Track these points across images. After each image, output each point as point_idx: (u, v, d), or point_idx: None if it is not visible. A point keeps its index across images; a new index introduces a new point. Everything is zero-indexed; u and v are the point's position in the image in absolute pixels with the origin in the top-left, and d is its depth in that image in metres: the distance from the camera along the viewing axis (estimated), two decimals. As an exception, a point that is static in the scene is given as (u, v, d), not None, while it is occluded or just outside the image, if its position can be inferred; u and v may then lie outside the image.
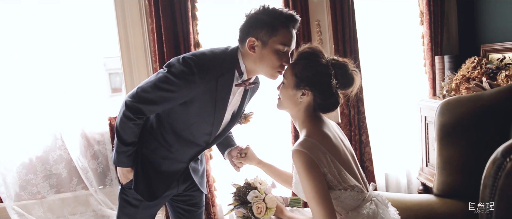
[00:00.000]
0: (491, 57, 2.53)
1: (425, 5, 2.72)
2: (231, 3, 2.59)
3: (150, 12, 2.35)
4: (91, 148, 2.43)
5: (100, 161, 2.45)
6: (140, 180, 1.65)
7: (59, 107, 2.38)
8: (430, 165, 2.65)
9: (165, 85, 1.47)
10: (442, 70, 2.68)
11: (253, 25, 1.47)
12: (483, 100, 1.63)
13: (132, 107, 1.52)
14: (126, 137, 1.57)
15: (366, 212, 1.43)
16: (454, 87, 2.50)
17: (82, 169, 2.35)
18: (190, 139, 1.64)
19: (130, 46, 2.44)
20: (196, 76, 1.45)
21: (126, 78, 2.46)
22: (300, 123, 1.52)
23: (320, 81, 1.44)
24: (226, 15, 2.58)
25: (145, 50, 2.44)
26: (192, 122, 1.58)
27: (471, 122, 1.64)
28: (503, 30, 2.52)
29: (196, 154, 1.71)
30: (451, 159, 1.67)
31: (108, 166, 2.46)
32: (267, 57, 1.47)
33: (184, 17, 2.35)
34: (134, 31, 2.43)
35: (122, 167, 1.66)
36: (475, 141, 1.63)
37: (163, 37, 2.32)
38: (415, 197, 1.73)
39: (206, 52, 1.52)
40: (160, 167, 1.66)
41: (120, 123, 1.55)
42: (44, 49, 2.38)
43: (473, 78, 2.40)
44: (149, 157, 1.65)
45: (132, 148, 1.60)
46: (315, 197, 1.35)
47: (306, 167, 1.35)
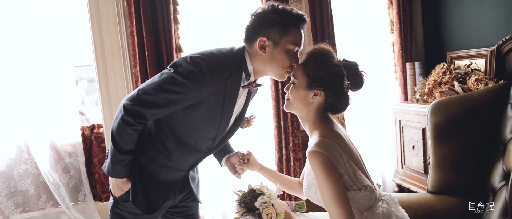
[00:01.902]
0: (457, 63, 2.72)
1: (396, 14, 2.86)
2: (212, 7, 2.53)
3: (129, 14, 2.22)
4: (61, 160, 2.21)
5: (72, 175, 2.23)
6: (138, 191, 1.52)
7: (25, 115, 2.13)
8: (406, 166, 2.76)
9: (171, 86, 1.38)
10: (413, 76, 2.82)
11: (263, 24, 1.43)
12: (472, 101, 1.73)
13: (133, 112, 1.40)
14: (124, 145, 1.44)
15: (381, 211, 1.44)
16: (427, 91, 2.64)
17: (53, 184, 2.12)
18: (192, 144, 1.54)
19: (106, 50, 2.27)
20: (206, 76, 1.37)
21: (101, 85, 2.28)
22: (310, 124, 1.50)
23: (333, 82, 1.43)
24: (207, 20, 2.52)
25: (123, 55, 2.28)
26: (197, 126, 1.49)
27: (462, 121, 1.73)
28: (467, 38, 2.72)
29: (196, 162, 1.62)
30: (445, 156, 1.74)
31: (81, 180, 2.25)
32: (278, 57, 1.44)
33: (166, 20, 2.25)
34: (109, 34, 2.27)
35: (117, 178, 1.51)
36: (467, 138, 1.72)
37: (144, 40, 2.20)
38: (411, 195, 1.77)
39: (214, 51, 1.45)
40: (158, 176, 1.54)
41: (117, 129, 1.42)
42: (8, 52, 2.13)
43: (445, 83, 2.55)
44: (147, 165, 1.53)
45: (129, 156, 1.47)
46: (335, 199, 1.33)
47: (325, 168, 1.33)
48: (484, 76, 2.40)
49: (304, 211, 1.73)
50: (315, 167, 1.35)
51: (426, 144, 2.53)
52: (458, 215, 1.68)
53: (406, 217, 1.47)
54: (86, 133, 2.27)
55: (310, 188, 1.47)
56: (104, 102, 2.30)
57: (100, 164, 2.29)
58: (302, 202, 1.71)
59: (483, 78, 2.38)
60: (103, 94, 2.30)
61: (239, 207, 1.60)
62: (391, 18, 2.93)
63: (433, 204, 1.72)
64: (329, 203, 1.34)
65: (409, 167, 2.72)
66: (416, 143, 2.62)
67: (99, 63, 2.27)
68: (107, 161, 1.50)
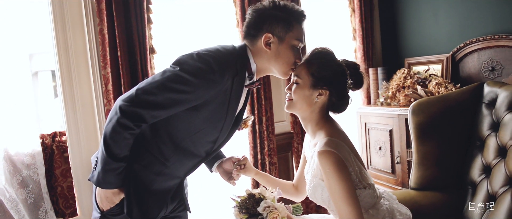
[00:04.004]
0: (415, 69, 2.91)
1: (359, 22, 2.99)
2: (184, 7, 2.43)
3: (98, 11, 2.03)
4: (18, 173, 1.94)
5: (31, 189, 1.97)
6: (134, 203, 1.38)
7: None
8: (372, 167, 2.88)
9: (177, 85, 1.28)
10: (376, 81, 2.97)
11: (267, 21, 1.40)
12: (450, 101, 1.86)
13: (131, 114, 1.27)
14: (119, 151, 1.30)
15: (385, 208, 1.47)
16: (391, 95, 2.78)
17: (9, 201, 1.84)
18: (190, 149, 1.45)
19: (70, 50, 2.05)
20: (216, 74, 1.29)
21: (65, 88, 2.06)
22: (314, 124, 1.49)
23: (338, 81, 1.44)
24: (179, 20, 2.41)
25: (91, 55, 2.08)
26: (198, 129, 1.40)
27: (442, 120, 1.84)
28: (424, 45, 2.93)
29: (193, 167, 1.52)
30: (428, 154, 1.84)
31: (41, 195, 1.99)
32: (284, 54, 1.41)
33: (140, 19, 2.10)
34: (74, 32, 2.06)
35: (107, 189, 1.36)
36: (447, 136, 1.84)
37: (117, 40, 2.03)
38: (396, 192, 1.83)
39: (219, 48, 1.38)
40: (152, 185, 1.42)
41: (112, 133, 1.28)
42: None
43: (407, 86, 2.72)
44: (141, 174, 1.40)
45: (123, 164, 1.34)
46: (347, 198, 1.32)
47: (336, 167, 1.33)
48: (443, 81, 2.60)
49: (301, 213, 1.71)
50: (326, 167, 1.34)
51: (393, 144, 2.67)
52: (442, 208, 1.78)
53: (408, 211, 1.52)
54: (47, 142, 2.02)
55: (316, 189, 1.45)
56: (67, 107, 2.08)
57: (63, 176, 2.05)
58: (299, 205, 1.70)
59: (442, 82, 2.58)
60: (67, 98, 2.07)
61: (239, 213, 1.53)
62: (353, 25, 3.06)
63: (418, 200, 1.80)
64: (341, 202, 1.33)
65: (376, 168, 2.84)
66: (383, 144, 2.74)
67: (63, 64, 2.04)
68: (97, 170, 1.35)
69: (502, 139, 1.64)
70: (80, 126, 2.11)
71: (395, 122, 2.61)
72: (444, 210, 1.78)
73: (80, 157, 2.13)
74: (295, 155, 2.75)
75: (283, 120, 2.79)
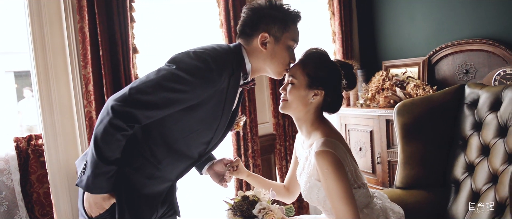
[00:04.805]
0: (392, 71, 2.99)
1: (338, 25, 3.04)
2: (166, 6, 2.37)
3: (79, 8, 1.94)
4: (-10, 179, 1.81)
5: (4, 196, 1.84)
6: (125, 208, 1.32)
7: None
8: (352, 167, 2.92)
9: (173, 84, 1.24)
10: (355, 83, 3.01)
11: (263, 20, 1.38)
12: (433, 102, 1.91)
13: (124, 114, 1.22)
14: (111, 153, 1.25)
15: (379, 207, 1.49)
16: (370, 97, 2.84)
17: (-19, 209, 1.72)
18: (183, 151, 1.41)
19: (47, 48, 1.94)
20: (214, 73, 1.26)
21: (41, 88, 1.94)
22: (309, 125, 1.49)
23: (333, 81, 1.45)
24: (163, 20, 2.35)
25: (70, 54, 1.98)
26: (192, 130, 1.36)
27: (426, 120, 1.89)
28: (401, 48, 3.02)
29: (185, 170, 1.48)
30: (413, 153, 1.89)
31: (15, 202, 1.86)
32: (280, 54, 1.40)
33: (122, 16, 2.03)
34: (52, 30, 1.96)
35: (97, 194, 1.29)
36: (431, 136, 1.89)
37: (99, 38, 1.94)
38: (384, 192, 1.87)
39: (216, 46, 1.35)
40: (143, 189, 1.37)
41: (103, 135, 1.22)
42: None
43: (386, 88, 2.78)
44: (132, 177, 1.35)
45: (115, 167, 1.28)
46: (345, 197, 1.33)
47: (334, 167, 1.33)
48: (421, 83, 2.68)
49: (293, 214, 1.70)
50: (324, 167, 1.34)
51: (373, 145, 2.72)
52: (428, 206, 1.83)
53: (401, 210, 1.54)
54: (22, 145, 1.89)
55: (312, 189, 1.45)
56: (44, 108, 1.96)
57: (39, 181, 1.93)
58: (291, 207, 1.68)
59: (420, 84, 2.66)
60: (43, 99, 1.96)
61: (234, 216, 1.50)
62: (333, 28, 3.10)
63: (404, 198, 1.84)
64: (338, 202, 1.34)
65: (356, 168, 2.88)
66: (363, 145, 2.79)
67: (39, 63, 1.93)
68: (86, 174, 1.28)
69: (485, 138, 1.71)
70: (57, 128, 2.00)
71: (376, 123, 2.67)
72: (430, 207, 1.83)
73: (57, 161, 2.02)
74: (278, 156, 2.75)
75: (266, 121, 2.78)
